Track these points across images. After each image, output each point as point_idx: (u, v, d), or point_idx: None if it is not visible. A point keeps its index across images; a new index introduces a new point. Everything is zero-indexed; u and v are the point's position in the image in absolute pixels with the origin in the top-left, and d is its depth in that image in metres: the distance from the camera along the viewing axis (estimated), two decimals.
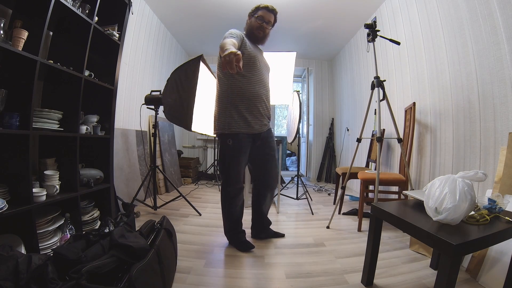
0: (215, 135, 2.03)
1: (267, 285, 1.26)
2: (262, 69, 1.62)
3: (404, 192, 1.51)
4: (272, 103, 1.86)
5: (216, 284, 1.25)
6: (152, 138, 2.40)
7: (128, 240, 1.00)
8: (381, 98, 1.81)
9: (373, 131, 2.88)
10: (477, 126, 1.59)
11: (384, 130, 2.67)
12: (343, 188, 2.16)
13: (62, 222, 1.46)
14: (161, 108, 2.24)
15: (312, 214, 2.44)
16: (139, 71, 2.87)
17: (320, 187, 3.83)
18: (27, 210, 1.20)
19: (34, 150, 1.53)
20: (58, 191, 1.42)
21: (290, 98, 3.23)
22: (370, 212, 1.24)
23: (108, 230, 1.17)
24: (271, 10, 1.63)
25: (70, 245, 1.00)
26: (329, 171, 4.40)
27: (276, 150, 1.74)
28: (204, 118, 2.65)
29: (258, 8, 1.63)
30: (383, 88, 1.83)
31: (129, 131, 2.65)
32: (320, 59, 4.66)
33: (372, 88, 1.89)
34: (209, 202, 2.80)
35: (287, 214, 2.45)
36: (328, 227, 2.04)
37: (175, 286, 1.20)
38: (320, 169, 4.50)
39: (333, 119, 4.60)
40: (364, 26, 1.86)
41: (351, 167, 2.07)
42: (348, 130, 3.86)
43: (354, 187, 3.56)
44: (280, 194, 1.67)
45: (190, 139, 4.63)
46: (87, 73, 1.62)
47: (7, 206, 1.09)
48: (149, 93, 2.33)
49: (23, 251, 1.18)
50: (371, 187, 2.59)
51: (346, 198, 2.95)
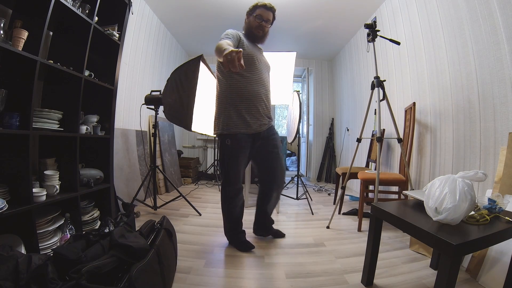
0: (214, 135, 2.03)
1: (267, 285, 1.26)
2: (261, 68, 1.59)
3: (404, 192, 1.51)
4: (272, 103, 1.85)
5: (216, 284, 1.25)
6: (152, 138, 2.40)
7: (128, 240, 1.00)
8: (381, 98, 1.81)
9: (373, 131, 2.88)
10: (477, 126, 1.59)
11: (384, 130, 2.67)
12: (343, 188, 2.16)
13: (62, 222, 1.46)
14: (161, 108, 2.24)
15: (312, 214, 2.44)
16: (139, 71, 2.87)
17: (320, 187, 3.83)
18: (27, 210, 1.20)
19: (34, 150, 1.53)
20: (58, 191, 1.42)
21: (290, 98, 3.23)
22: (370, 212, 1.24)
23: (108, 230, 1.17)
24: (270, 8, 1.60)
25: (70, 245, 1.00)
26: (329, 171, 4.40)
27: (280, 147, 1.67)
28: (204, 118, 2.65)
29: (256, 6, 1.60)
30: (383, 88, 1.83)
31: (129, 131, 2.65)
32: (320, 59, 4.66)
33: (372, 88, 1.89)
34: (209, 202, 2.80)
35: (287, 214, 2.45)
36: (328, 227, 2.04)
37: (175, 286, 1.20)
38: (320, 169, 4.50)
39: (333, 119, 4.60)
40: (364, 26, 1.86)
41: (351, 167, 2.07)
42: (348, 130, 3.86)
43: (354, 187, 3.56)
44: (280, 194, 1.68)
45: (190, 139, 4.63)
46: (87, 73, 1.62)
47: (7, 206, 1.09)
48: (149, 93, 2.33)
49: (23, 251, 1.18)
50: (371, 187, 2.59)
51: (346, 198, 2.95)
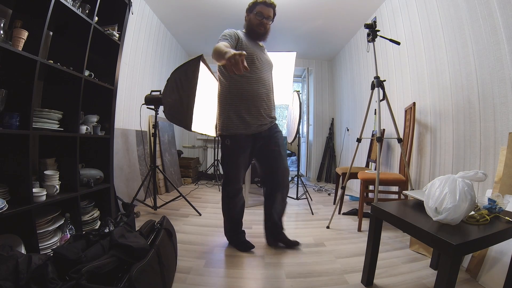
0: (215, 136, 2.02)
1: (267, 285, 1.26)
2: (262, 67, 1.56)
3: (404, 192, 1.51)
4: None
5: (216, 284, 1.25)
6: (152, 138, 2.40)
7: (128, 240, 1.00)
8: (381, 98, 1.81)
9: (373, 131, 2.88)
10: (477, 126, 1.59)
11: (384, 130, 2.67)
12: (343, 188, 2.16)
13: (62, 222, 1.46)
14: (161, 108, 2.24)
15: (312, 214, 2.44)
16: (139, 71, 2.87)
17: (320, 187, 3.83)
18: (27, 210, 1.20)
19: (34, 150, 1.53)
20: (58, 191, 1.42)
21: (290, 98, 3.23)
22: (370, 212, 1.24)
23: (108, 230, 1.17)
24: (270, 4, 1.55)
25: (70, 245, 1.00)
26: (329, 171, 4.40)
27: (282, 146, 1.62)
28: (204, 118, 2.65)
29: (255, 3, 1.55)
30: (383, 88, 1.83)
31: (129, 131, 2.65)
32: (320, 59, 4.66)
33: (372, 88, 1.89)
34: (209, 202, 2.80)
35: (287, 214, 2.43)
36: (328, 227, 2.04)
37: (175, 286, 1.20)
38: (320, 169, 4.50)
39: (333, 119, 4.60)
40: (364, 26, 1.86)
41: (351, 167, 2.07)
42: (348, 130, 3.86)
43: (354, 187, 3.56)
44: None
45: (190, 139, 4.63)
46: (87, 73, 1.62)
47: (7, 206, 1.09)
48: (149, 93, 2.33)
49: (23, 251, 1.18)
50: (371, 187, 2.59)
51: (346, 198, 2.95)
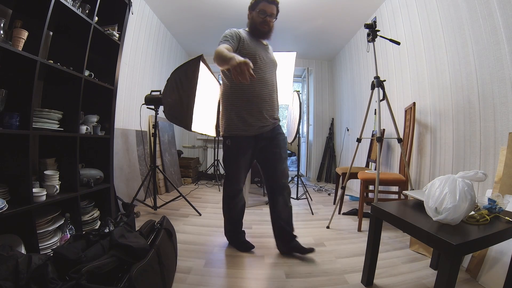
0: (214, 136, 2.01)
1: (268, 285, 1.26)
2: (264, 66, 1.51)
3: (404, 192, 1.51)
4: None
5: (216, 284, 1.25)
6: (152, 138, 2.40)
7: (128, 240, 1.00)
8: (381, 98, 1.81)
9: (373, 131, 2.88)
10: (477, 126, 1.59)
11: (384, 130, 2.67)
12: (343, 188, 2.16)
13: (62, 222, 1.46)
14: (161, 108, 2.24)
15: (312, 214, 2.44)
16: (139, 71, 2.87)
17: (320, 187, 3.83)
18: (27, 210, 1.20)
19: (34, 150, 1.53)
20: (58, 191, 1.42)
21: (290, 98, 3.22)
22: (370, 212, 1.24)
23: (108, 230, 1.17)
24: (272, 1, 1.50)
25: (70, 245, 1.00)
26: (329, 171, 4.40)
27: (283, 148, 1.58)
28: (204, 118, 2.65)
29: (257, 0, 1.50)
30: (383, 88, 1.83)
31: (129, 131, 2.65)
32: (320, 59, 4.66)
33: (372, 88, 1.89)
34: (209, 202, 2.80)
35: None
36: (328, 227, 2.04)
37: (175, 286, 1.20)
38: (320, 169, 4.50)
39: (333, 119, 4.60)
40: (364, 26, 1.86)
41: (351, 167, 2.07)
42: (348, 130, 3.86)
43: (354, 187, 3.56)
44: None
45: (190, 139, 4.63)
46: (87, 73, 1.62)
47: (7, 206, 1.09)
48: (149, 93, 2.33)
49: (23, 251, 1.18)
50: (371, 187, 2.59)
51: (346, 198, 2.95)
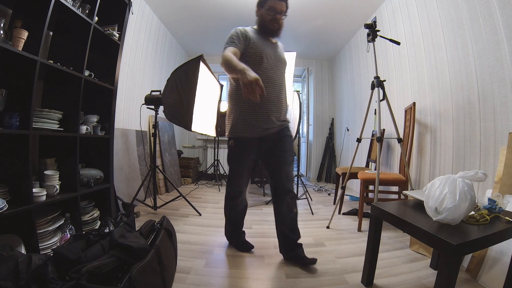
0: (214, 136, 1.99)
1: (268, 285, 1.26)
2: (271, 66, 1.45)
3: (404, 192, 1.51)
4: None
5: (216, 284, 1.25)
6: (152, 138, 2.40)
7: (128, 240, 1.00)
8: (381, 98, 1.81)
9: (373, 131, 2.88)
10: (477, 126, 1.59)
11: (384, 130, 2.67)
12: (343, 188, 2.16)
13: (62, 222, 1.46)
14: (161, 108, 2.24)
15: (312, 214, 2.44)
16: (139, 71, 2.87)
17: (320, 187, 3.83)
18: (27, 210, 1.20)
19: (34, 150, 1.53)
20: (58, 191, 1.42)
21: (290, 98, 3.23)
22: (370, 212, 1.24)
23: (108, 230, 1.17)
24: None
25: (70, 245, 1.00)
26: (329, 171, 4.39)
27: (289, 151, 1.51)
28: (204, 118, 2.65)
29: None
30: (383, 88, 1.83)
31: (129, 131, 2.65)
32: (320, 59, 4.66)
33: (372, 88, 1.89)
34: (209, 202, 2.80)
35: None
36: (328, 227, 2.04)
37: (175, 286, 1.20)
38: (320, 169, 4.50)
39: (333, 119, 4.60)
40: (364, 26, 1.86)
41: (351, 167, 2.07)
42: (348, 130, 3.86)
43: (354, 187, 3.56)
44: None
45: (190, 139, 4.63)
46: (87, 73, 1.62)
47: (7, 206, 1.09)
48: (149, 93, 2.33)
49: (23, 251, 1.18)
50: (371, 187, 2.59)
51: (346, 198, 2.95)
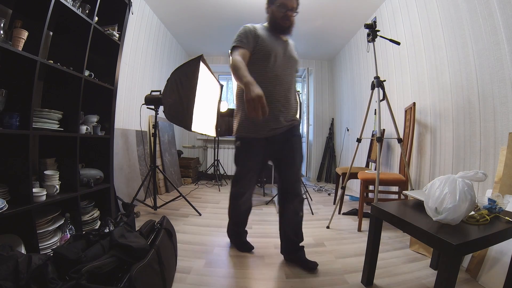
0: (214, 136, 1.98)
1: (268, 285, 1.26)
2: (279, 64, 1.40)
3: (404, 192, 1.51)
4: None
5: (216, 284, 1.25)
6: (152, 138, 2.40)
7: (128, 240, 1.00)
8: (381, 98, 1.81)
9: (373, 131, 2.88)
10: (477, 126, 1.59)
11: (384, 130, 2.67)
12: (343, 188, 2.16)
13: (62, 222, 1.46)
14: (161, 108, 2.24)
15: (312, 214, 2.44)
16: (139, 71, 2.87)
17: (320, 187, 3.83)
18: (27, 210, 1.20)
19: (34, 150, 1.53)
20: (58, 191, 1.42)
21: None
22: (370, 212, 1.24)
23: (108, 230, 1.17)
24: None
25: (70, 245, 1.00)
26: (329, 171, 4.39)
27: (297, 152, 1.47)
28: (204, 118, 2.65)
29: None
30: (383, 88, 1.83)
31: (129, 131, 2.65)
32: (320, 59, 4.66)
33: (372, 88, 1.89)
34: (209, 202, 2.80)
35: None
36: (328, 227, 2.04)
37: (175, 286, 1.20)
38: (320, 169, 4.50)
39: (333, 119, 4.60)
40: (364, 26, 1.86)
41: (351, 167, 2.07)
42: (348, 130, 3.86)
43: (354, 187, 3.56)
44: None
45: (190, 139, 4.63)
46: (87, 73, 1.62)
47: (7, 206, 1.09)
48: (149, 93, 2.33)
49: (23, 251, 1.18)
50: (371, 187, 2.59)
51: (346, 198, 2.95)
